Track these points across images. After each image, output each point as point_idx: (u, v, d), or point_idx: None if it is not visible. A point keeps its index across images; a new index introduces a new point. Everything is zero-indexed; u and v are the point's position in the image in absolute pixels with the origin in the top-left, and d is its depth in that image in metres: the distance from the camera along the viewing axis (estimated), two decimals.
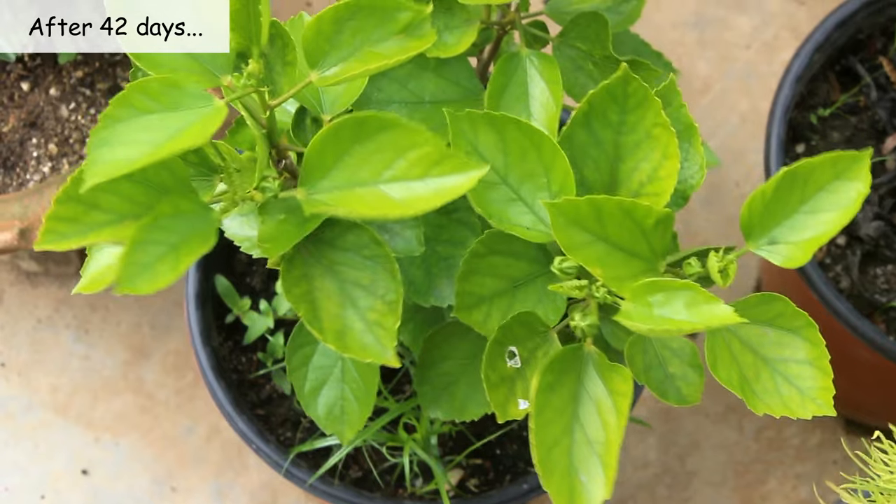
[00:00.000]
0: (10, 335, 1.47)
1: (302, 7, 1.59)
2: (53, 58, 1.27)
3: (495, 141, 0.85)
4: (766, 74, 1.58)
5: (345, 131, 0.80)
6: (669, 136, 0.85)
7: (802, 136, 1.28)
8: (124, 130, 0.78)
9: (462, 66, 0.97)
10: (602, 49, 0.92)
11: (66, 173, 1.22)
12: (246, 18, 0.80)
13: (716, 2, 1.60)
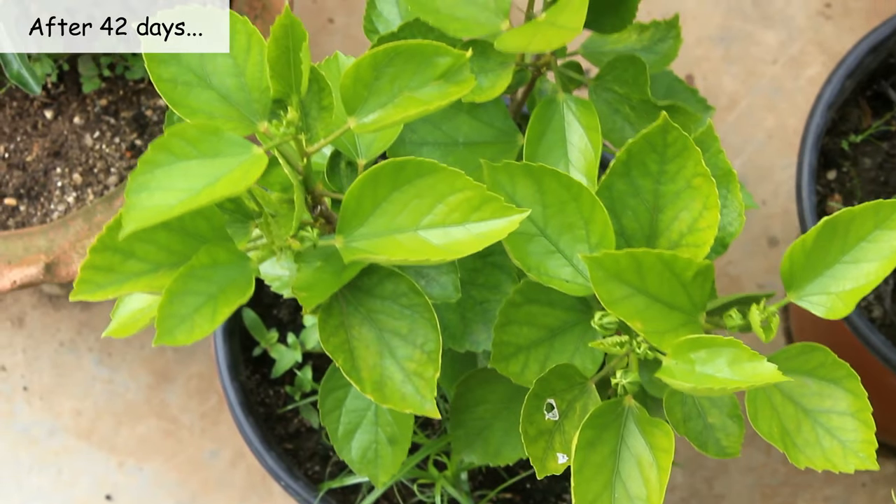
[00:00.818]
0: (33, 358, 1.46)
1: (324, 23, 1.58)
2: (77, 85, 1.26)
3: (533, 192, 0.83)
4: (793, 90, 1.56)
5: (383, 178, 0.79)
6: (710, 186, 0.83)
7: (834, 162, 1.26)
8: (163, 176, 0.76)
9: (496, 107, 0.95)
10: (640, 93, 0.90)
11: (92, 204, 1.21)
12: (286, 66, 0.79)
13: (742, 16, 1.59)
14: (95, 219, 1.20)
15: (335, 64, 0.92)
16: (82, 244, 1.18)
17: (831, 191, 1.26)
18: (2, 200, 1.24)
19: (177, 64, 0.82)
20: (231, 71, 0.82)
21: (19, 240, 1.19)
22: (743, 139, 1.55)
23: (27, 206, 1.23)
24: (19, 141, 1.25)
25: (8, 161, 1.24)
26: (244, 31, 0.82)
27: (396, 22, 1.00)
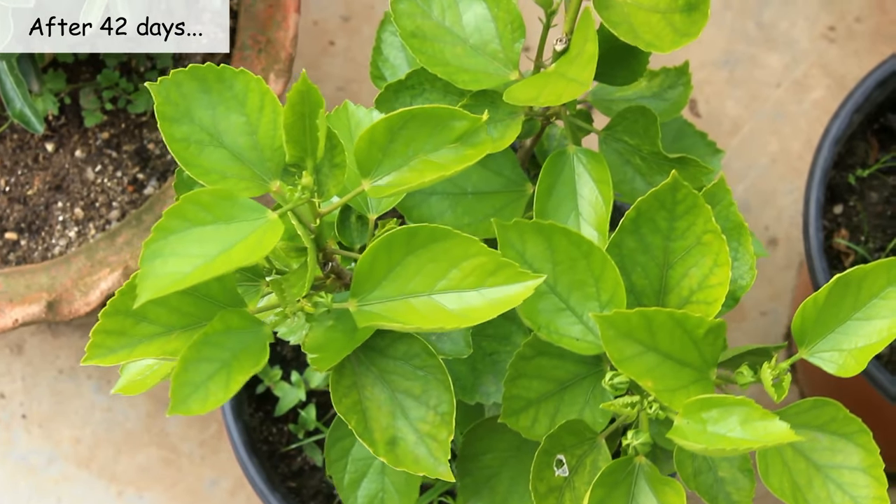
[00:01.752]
0: (32, 386, 1.46)
1: (325, 46, 1.57)
2: (79, 118, 1.25)
3: (543, 250, 0.83)
4: (797, 114, 1.56)
5: (396, 243, 0.79)
6: (721, 243, 0.83)
7: (840, 196, 1.26)
8: (177, 242, 0.76)
9: (505, 156, 0.95)
10: (650, 145, 0.90)
11: (94, 241, 1.20)
12: (301, 132, 0.78)
13: (746, 39, 1.58)
14: (97, 256, 1.19)
15: (344, 114, 0.92)
16: (84, 281, 1.18)
17: (838, 225, 1.26)
18: (2, 234, 1.23)
19: (189, 122, 0.81)
20: (244, 129, 0.82)
21: (21, 277, 1.19)
22: (746, 164, 1.54)
23: (28, 241, 1.22)
24: (20, 174, 1.24)
25: (9, 195, 1.23)
26: (258, 91, 0.81)
27: (403, 67, 1.00)
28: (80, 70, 1.25)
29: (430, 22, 0.92)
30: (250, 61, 1.22)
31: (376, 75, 0.99)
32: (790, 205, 1.53)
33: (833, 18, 1.59)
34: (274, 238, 0.76)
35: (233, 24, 1.27)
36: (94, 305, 1.17)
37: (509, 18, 0.91)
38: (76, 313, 1.17)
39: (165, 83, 0.81)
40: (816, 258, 1.20)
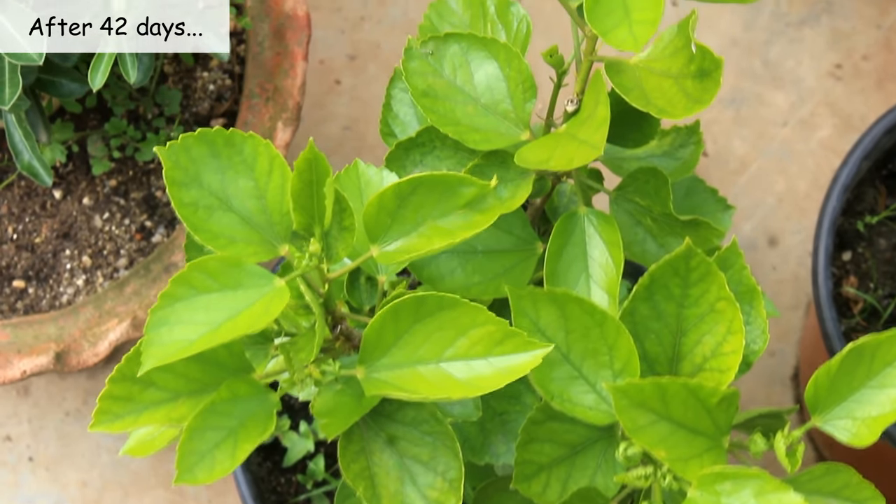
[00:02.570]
0: (38, 428, 1.45)
1: (331, 84, 1.57)
2: (86, 165, 1.24)
3: (557, 318, 0.83)
4: (803, 153, 1.55)
5: (404, 311, 0.79)
6: (734, 311, 0.83)
7: (849, 243, 1.26)
8: (183, 310, 0.76)
9: (515, 214, 0.94)
10: (662, 206, 0.89)
11: (102, 290, 1.20)
12: (308, 199, 0.78)
13: (752, 78, 1.58)
14: (106, 306, 1.19)
15: (354, 173, 0.91)
16: (93, 332, 1.17)
17: (846, 272, 1.25)
18: (10, 283, 1.23)
19: (198, 187, 0.81)
20: (252, 193, 0.81)
21: (29, 327, 1.18)
22: (753, 203, 1.54)
23: (36, 289, 1.22)
24: (28, 222, 1.24)
25: (16, 242, 1.23)
26: (267, 155, 0.81)
27: (413, 124, 0.99)
28: (87, 117, 1.25)
29: (441, 81, 0.91)
30: (258, 109, 1.22)
31: (386, 132, 0.99)
32: (797, 244, 1.53)
33: (839, 57, 1.58)
34: (280, 305, 0.76)
35: (240, 71, 1.27)
36: (102, 356, 1.17)
37: (521, 78, 0.90)
38: (84, 364, 1.17)
39: (174, 148, 0.80)
40: (826, 307, 1.19)
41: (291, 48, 1.23)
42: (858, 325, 1.24)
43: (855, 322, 1.24)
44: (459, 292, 0.92)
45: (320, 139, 1.55)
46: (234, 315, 0.76)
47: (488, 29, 0.99)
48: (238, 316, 0.76)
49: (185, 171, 0.81)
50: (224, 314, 0.75)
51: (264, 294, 0.77)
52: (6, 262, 1.23)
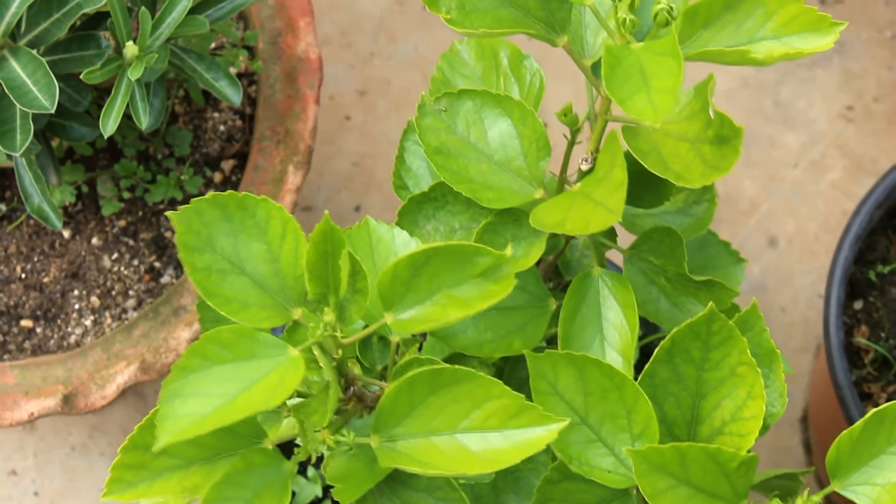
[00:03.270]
0: (44, 462, 1.45)
1: (341, 120, 1.57)
2: (95, 204, 1.24)
3: (575, 381, 0.82)
4: (814, 195, 1.55)
5: (419, 383, 0.79)
6: (755, 375, 0.83)
7: (860, 292, 1.25)
8: (197, 381, 0.76)
9: (528, 270, 0.94)
10: (676, 266, 0.89)
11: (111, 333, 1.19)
12: (324, 269, 0.78)
13: (763, 118, 1.57)
14: (114, 348, 1.18)
15: (365, 230, 0.91)
16: (101, 374, 1.17)
17: (858, 321, 1.25)
18: (18, 322, 1.22)
19: (211, 251, 0.80)
20: (266, 257, 0.81)
21: (37, 369, 1.18)
22: (762, 245, 1.53)
23: (44, 329, 1.22)
24: (36, 261, 1.23)
25: (25, 282, 1.23)
26: (279, 218, 0.81)
27: (426, 176, 0.99)
28: (97, 157, 1.25)
29: (454, 137, 0.91)
30: (269, 152, 1.22)
31: (399, 185, 0.98)
32: (807, 286, 1.52)
33: (851, 98, 1.58)
34: (296, 377, 0.76)
35: (251, 112, 1.26)
36: (110, 399, 1.16)
37: (535, 136, 0.90)
38: (92, 407, 1.16)
39: (187, 212, 0.80)
40: (837, 357, 1.19)
41: (303, 91, 1.23)
42: (869, 374, 1.24)
43: (866, 372, 1.24)
44: (471, 350, 0.92)
45: (329, 175, 1.54)
46: (248, 386, 0.75)
47: (501, 82, 0.99)
48: (253, 387, 0.75)
49: (198, 235, 0.80)
50: (239, 386, 0.75)
51: (279, 364, 0.76)
52: (14, 301, 1.22)
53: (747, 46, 0.81)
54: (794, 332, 1.51)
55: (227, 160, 1.26)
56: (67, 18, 1.02)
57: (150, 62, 1.03)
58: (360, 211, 1.54)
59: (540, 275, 0.95)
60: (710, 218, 0.96)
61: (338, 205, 1.54)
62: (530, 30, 0.84)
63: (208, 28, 1.08)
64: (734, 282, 1.03)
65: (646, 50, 0.79)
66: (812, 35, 0.81)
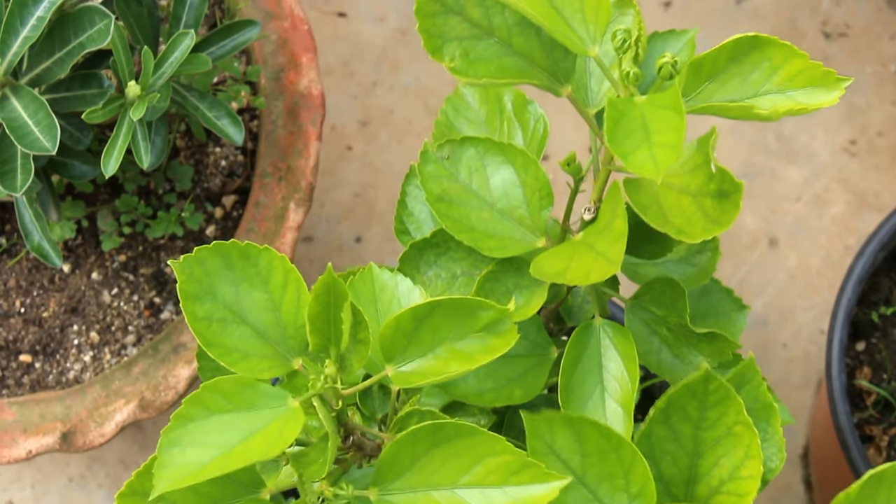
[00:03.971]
0: (42, 494, 1.44)
1: (343, 151, 1.56)
2: (95, 238, 1.24)
3: (572, 441, 0.82)
4: (816, 229, 1.55)
5: (422, 436, 0.78)
6: (752, 435, 0.82)
7: (863, 333, 1.25)
8: (196, 430, 0.76)
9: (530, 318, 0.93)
10: (678, 317, 0.88)
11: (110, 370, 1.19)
12: (325, 322, 0.78)
13: (766, 152, 1.57)
14: (113, 385, 1.18)
15: (369, 277, 0.91)
16: (100, 412, 1.17)
17: (860, 363, 1.24)
18: (17, 357, 1.22)
19: (212, 300, 0.80)
20: (267, 306, 0.81)
21: (35, 406, 1.17)
22: (765, 279, 1.53)
23: (42, 364, 1.21)
24: (35, 295, 1.23)
25: (24, 316, 1.22)
26: (282, 268, 0.80)
27: (428, 221, 0.99)
28: (98, 192, 1.25)
29: (457, 185, 0.91)
30: (270, 189, 1.21)
31: (401, 230, 0.98)
32: (809, 322, 1.52)
33: (854, 132, 1.58)
34: (295, 428, 0.75)
35: (253, 147, 1.26)
36: (108, 437, 1.16)
37: (537, 185, 0.90)
38: (90, 445, 1.16)
39: (189, 260, 0.80)
40: (839, 400, 1.18)
41: (305, 127, 1.22)
42: (871, 416, 1.23)
43: (868, 414, 1.23)
44: (471, 398, 0.91)
45: (330, 205, 1.54)
46: (247, 437, 0.75)
47: (505, 127, 0.99)
48: (252, 438, 0.75)
49: (200, 283, 0.80)
50: (238, 436, 0.75)
51: (278, 415, 0.76)
52: (13, 335, 1.22)
53: (752, 100, 0.81)
54: (795, 367, 1.50)
55: (229, 195, 1.25)
56: (70, 57, 1.01)
57: (152, 101, 1.02)
58: (361, 242, 1.53)
59: (541, 322, 0.94)
60: (713, 268, 0.95)
61: (339, 235, 1.54)
62: (534, 80, 0.84)
63: (211, 66, 1.08)
64: (737, 329, 1.02)
65: (649, 104, 0.78)
66: (817, 90, 0.81)
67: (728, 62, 0.82)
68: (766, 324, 1.51)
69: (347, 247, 1.53)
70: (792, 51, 0.81)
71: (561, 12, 0.82)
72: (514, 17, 0.84)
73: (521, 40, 0.84)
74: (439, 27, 0.83)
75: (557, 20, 0.81)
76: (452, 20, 0.83)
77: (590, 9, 0.82)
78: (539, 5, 0.81)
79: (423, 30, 0.83)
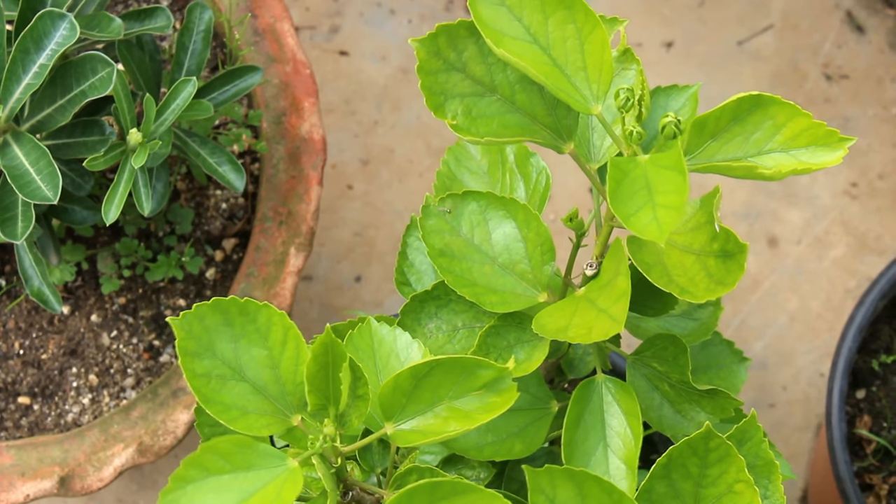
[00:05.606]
0: None
1: (343, 190, 1.56)
2: (95, 280, 1.23)
3: (574, 496, 0.81)
4: (817, 272, 1.54)
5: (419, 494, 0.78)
6: (753, 493, 0.82)
7: (863, 381, 1.25)
8: (194, 492, 0.75)
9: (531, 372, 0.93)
10: (679, 374, 0.88)
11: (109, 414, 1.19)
12: (324, 381, 0.78)
13: (767, 193, 1.57)
14: (112, 430, 1.17)
15: (367, 331, 0.90)
16: (98, 456, 1.16)
17: (860, 411, 1.24)
18: (16, 399, 1.21)
19: (211, 357, 0.80)
20: (266, 363, 0.80)
21: (34, 450, 1.17)
22: (764, 321, 1.53)
23: (41, 406, 1.21)
24: (35, 337, 1.22)
25: (23, 358, 1.22)
26: (281, 325, 0.80)
27: (429, 272, 0.98)
28: (98, 234, 1.24)
29: (458, 239, 0.90)
30: (271, 233, 1.21)
31: (402, 281, 0.98)
32: (809, 364, 1.51)
33: (855, 174, 1.58)
34: (295, 489, 0.75)
35: (254, 190, 1.26)
36: (106, 482, 1.15)
37: (539, 240, 0.89)
38: (88, 489, 1.15)
39: (188, 317, 0.80)
40: (839, 450, 1.18)
41: (306, 172, 1.22)
42: (871, 465, 1.23)
43: (868, 463, 1.23)
44: (471, 453, 0.91)
45: (330, 244, 1.54)
46: (246, 498, 0.75)
47: (507, 178, 0.99)
48: (251, 499, 0.74)
49: (199, 340, 0.80)
50: (236, 497, 0.75)
51: (277, 476, 0.76)
52: (12, 377, 1.22)
53: (755, 159, 0.81)
54: (795, 410, 1.50)
55: (229, 239, 1.25)
56: (72, 105, 1.01)
57: (153, 148, 1.02)
58: (361, 281, 1.53)
59: (542, 375, 0.94)
60: (716, 323, 0.95)
61: (338, 274, 1.53)
62: (537, 137, 0.84)
63: (213, 112, 1.08)
64: (737, 380, 1.02)
65: (652, 163, 0.78)
66: (821, 150, 0.81)
67: (731, 121, 0.82)
68: (765, 366, 1.51)
69: (347, 286, 1.53)
70: (795, 110, 0.81)
71: (563, 70, 0.82)
72: (517, 75, 0.84)
73: (523, 97, 0.84)
74: (441, 84, 0.83)
75: (560, 78, 0.81)
76: (455, 77, 0.83)
77: (592, 67, 0.82)
78: (541, 64, 0.81)
79: (426, 87, 0.83)
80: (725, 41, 1.63)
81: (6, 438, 1.19)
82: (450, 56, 0.83)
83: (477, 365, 0.79)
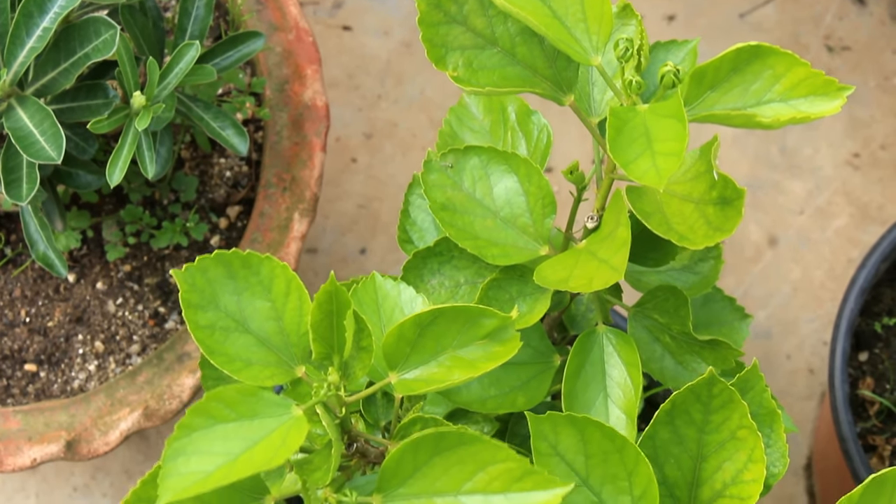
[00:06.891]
0: (46, 503, 1.45)
1: (347, 163, 1.57)
2: (101, 248, 1.24)
3: (576, 442, 0.82)
4: (820, 241, 1.55)
5: (424, 444, 0.78)
6: (756, 439, 0.82)
7: (866, 343, 1.25)
8: (200, 439, 0.75)
9: (533, 326, 0.94)
10: (681, 325, 0.89)
11: (115, 379, 1.19)
12: (328, 330, 0.78)
13: (769, 165, 1.57)
14: (118, 394, 1.18)
15: (371, 286, 0.91)
16: (104, 420, 1.17)
17: (863, 373, 1.24)
18: (22, 366, 1.22)
19: (214, 309, 0.80)
20: (270, 315, 0.81)
21: (40, 415, 1.18)
22: (768, 291, 1.53)
23: (47, 373, 1.22)
24: (41, 305, 1.23)
25: (29, 326, 1.23)
26: (283, 276, 0.81)
27: (431, 231, 0.99)
28: (103, 202, 1.25)
29: (460, 194, 0.91)
30: (275, 199, 1.22)
31: (404, 239, 0.98)
32: (812, 333, 1.52)
33: (857, 145, 1.58)
34: (299, 437, 0.75)
35: (257, 158, 1.27)
36: (113, 445, 1.16)
37: (541, 194, 0.90)
38: (95, 453, 1.16)
39: (191, 270, 0.80)
40: (842, 410, 1.18)
41: (310, 138, 1.23)
42: (874, 426, 1.23)
43: (871, 424, 1.23)
44: (475, 406, 0.92)
45: (335, 216, 1.55)
46: (251, 445, 0.75)
47: (508, 137, 0.99)
48: (256, 446, 0.75)
49: (202, 293, 0.80)
50: (242, 445, 0.75)
51: (282, 423, 0.76)
52: (18, 345, 1.22)
53: (754, 109, 0.81)
54: (798, 379, 1.50)
55: (233, 206, 1.26)
56: (75, 68, 1.02)
57: (157, 111, 1.03)
58: (366, 253, 1.54)
59: (544, 330, 0.95)
60: (717, 276, 0.95)
61: (343, 247, 1.54)
62: (537, 89, 0.84)
63: (216, 77, 1.09)
64: (739, 337, 1.03)
65: (651, 112, 0.79)
66: (820, 99, 0.81)
67: (730, 71, 0.82)
68: (769, 335, 1.52)
69: (352, 258, 1.54)
70: (794, 60, 0.82)
71: (564, 22, 0.82)
72: (517, 27, 0.84)
73: (524, 50, 0.84)
74: (442, 37, 0.83)
75: (560, 30, 0.82)
76: (456, 30, 0.84)
77: (592, 19, 0.82)
78: (542, 15, 0.82)
79: (427, 39, 0.83)
80: (727, 14, 1.63)
81: (13, 405, 1.20)
82: (451, 9, 0.84)
83: (481, 314, 0.79)
